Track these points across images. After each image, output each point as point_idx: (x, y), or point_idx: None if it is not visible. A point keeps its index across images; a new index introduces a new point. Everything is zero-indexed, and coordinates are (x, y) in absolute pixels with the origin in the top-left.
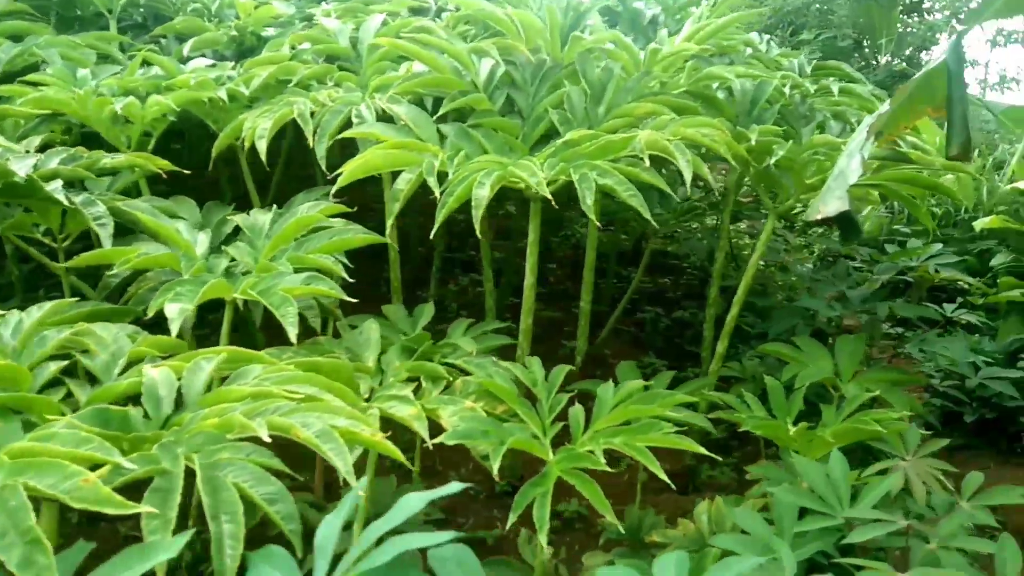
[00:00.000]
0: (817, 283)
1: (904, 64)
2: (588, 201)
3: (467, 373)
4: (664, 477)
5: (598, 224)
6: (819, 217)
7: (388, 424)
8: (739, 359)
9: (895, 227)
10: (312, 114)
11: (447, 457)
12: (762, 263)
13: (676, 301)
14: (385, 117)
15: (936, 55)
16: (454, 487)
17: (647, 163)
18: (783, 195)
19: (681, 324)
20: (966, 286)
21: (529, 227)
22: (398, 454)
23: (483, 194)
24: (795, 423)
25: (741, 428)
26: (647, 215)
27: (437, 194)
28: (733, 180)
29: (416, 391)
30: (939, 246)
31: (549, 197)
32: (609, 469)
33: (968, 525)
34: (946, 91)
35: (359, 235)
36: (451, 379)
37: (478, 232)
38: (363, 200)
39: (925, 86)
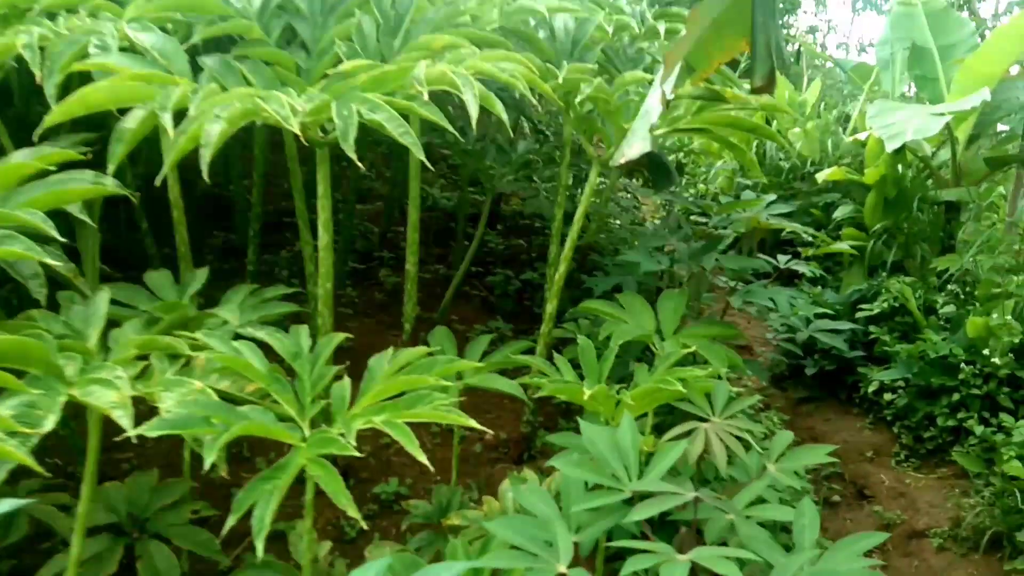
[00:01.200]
0: (647, 237)
1: None
2: (349, 139)
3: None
4: (423, 458)
5: (361, 166)
6: (623, 161)
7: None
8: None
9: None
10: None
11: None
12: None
13: (530, 262)
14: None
15: None
16: None
17: (425, 96)
18: (606, 142)
19: (532, 286)
20: (809, 238)
21: (318, 176)
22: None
23: (215, 130)
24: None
25: (540, 394)
26: (420, 155)
27: (170, 133)
28: (568, 131)
29: (145, 372)
30: (772, 197)
31: (298, 132)
32: (358, 453)
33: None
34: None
35: (83, 186)
36: (192, 356)
37: (205, 176)
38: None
39: (734, 14)
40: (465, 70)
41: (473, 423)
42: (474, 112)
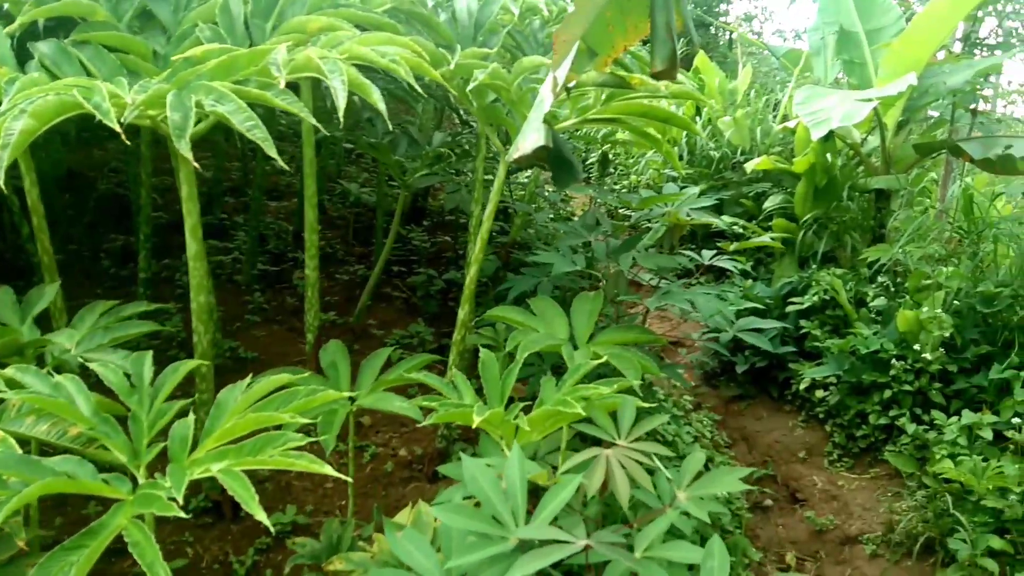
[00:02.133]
0: (565, 235)
1: None
2: (184, 134)
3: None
4: (263, 518)
5: (197, 166)
6: (517, 156)
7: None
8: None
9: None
10: None
11: None
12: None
13: (455, 260)
14: None
15: None
16: None
17: (282, 84)
18: (512, 134)
19: (457, 286)
20: (741, 231)
21: (180, 177)
22: None
23: (17, 127)
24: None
25: (428, 421)
26: (272, 152)
27: (6, 132)
28: (482, 124)
29: None
30: (695, 190)
31: (118, 129)
32: (183, 515)
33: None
34: None
35: None
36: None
37: (0, 185)
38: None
39: None
40: (339, 55)
41: (328, 470)
42: (341, 101)
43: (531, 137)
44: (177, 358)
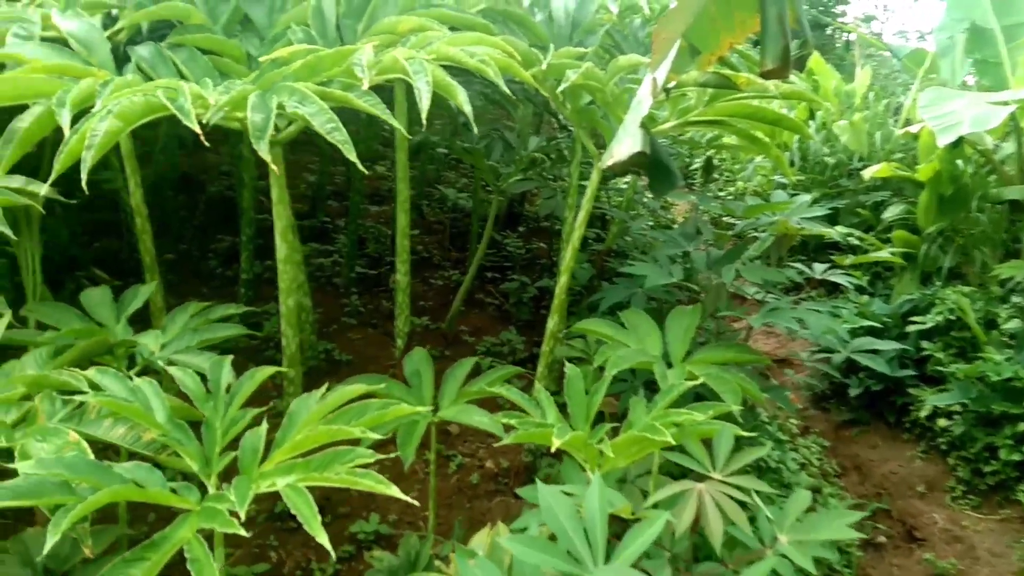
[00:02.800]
0: (662, 244)
1: None
2: (263, 137)
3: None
4: (325, 541)
5: (276, 169)
6: (611, 162)
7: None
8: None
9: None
10: None
11: None
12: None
13: (550, 267)
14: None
15: None
16: None
17: (366, 85)
18: (607, 137)
19: (550, 293)
20: (857, 243)
21: (271, 180)
22: None
23: (103, 128)
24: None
25: (507, 440)
26: (352, 156)
27: (66, 132)
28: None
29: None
30: (807, 198)
31: (197, 130)
32: (243, 533)
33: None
34: None
35: None
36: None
37: (83, 185)
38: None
39: None
40: (427, 55)
41: (394, 492)
42: (425, 103)
43: (626, 142)
44: (274, 360)
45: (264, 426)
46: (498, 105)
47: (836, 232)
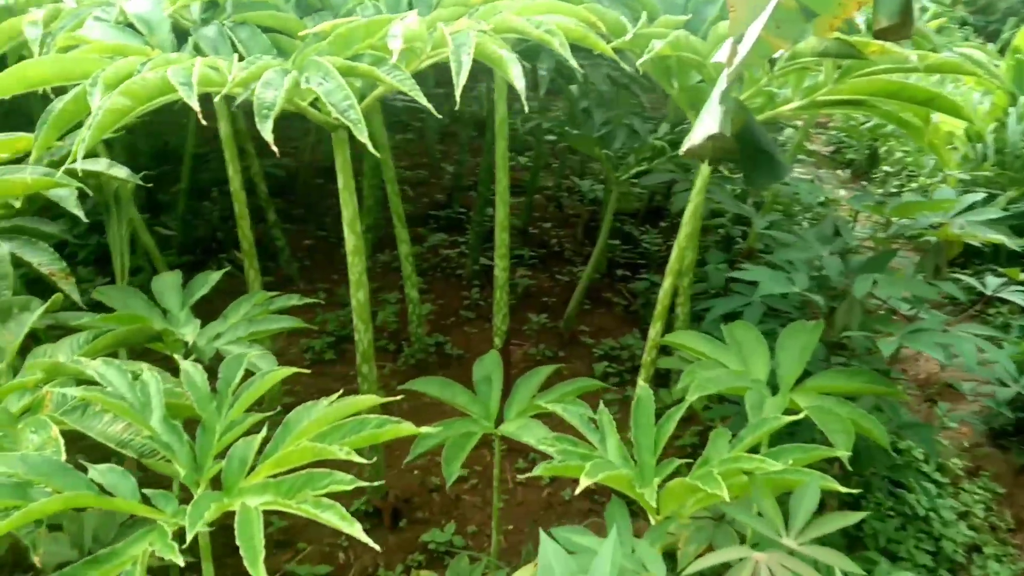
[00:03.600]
0: (790, 247)
1: None
2: (268, 118)
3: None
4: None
5: (375, 151)
6: (687, 148)
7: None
8: None
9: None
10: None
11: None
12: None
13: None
14: None
15: None
16: None
17: (395, 58)
18: None
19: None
20: None
21: (336, 164)
22: None
23: (106, 106)
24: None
25: (537, 472)
26: (363, 137)
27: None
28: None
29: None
30: (975, 197)
31: (196, 108)
32: (179, 561)
33: None
34: None
35: (23, 178)
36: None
37: (78, 168)
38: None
39: None
40: (488, 26)
41: (356, 532)
42: (460, 78)
43: (706, 123)
44: (386, 352)
45: (259, 435)
46: (623, 88)
47: (1014, 241)
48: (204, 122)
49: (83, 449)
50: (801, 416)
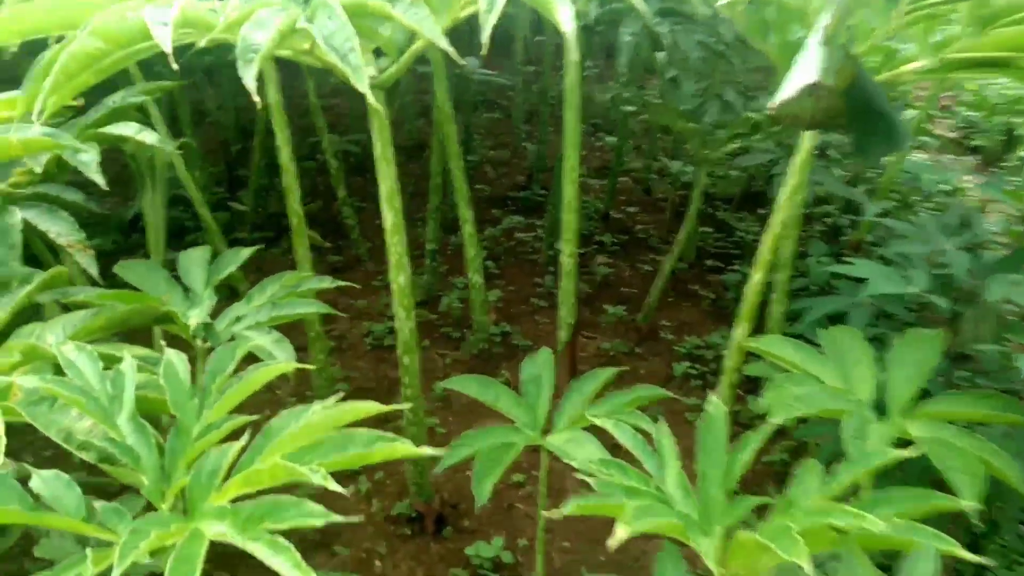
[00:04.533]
0: (896, 239)
1: None
2: (253, 60)
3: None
4: None
5: (380, 109)
6: (776, 104)
7: None
8: None
9: None
10: None
11: None
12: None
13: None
14: None
15: None
16: None
17: None
18: None
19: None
20: None
21: (374, 133)
22: None
23: (73, 49)
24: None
25: (566, 512)
26: (363, 88)
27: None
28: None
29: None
30: None
31: (168, 50)
32: None
33: None
34: None
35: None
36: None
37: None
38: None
39: None
40: None
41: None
42: (489, 18)
43: (801, 72)
44: (450, 339)
45: (237, 444)
46: (722, 58)
47: None
48: (254, 93)
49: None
50: (916, 452)
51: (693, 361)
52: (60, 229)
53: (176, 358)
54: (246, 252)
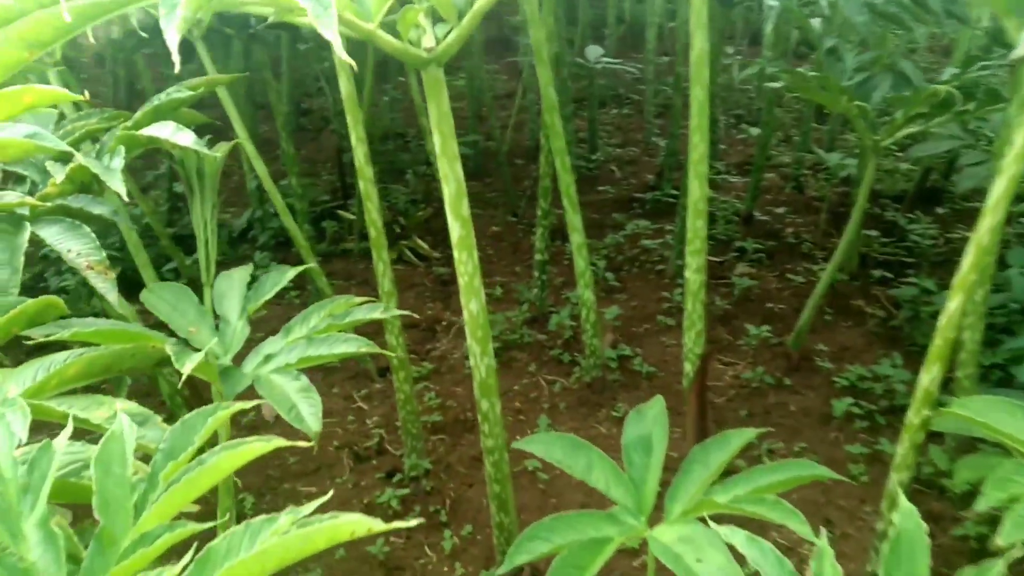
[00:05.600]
0: None
1: None
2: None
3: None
4: None
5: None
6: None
7: None
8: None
9: None
10: None
11: None
12: None
13: None
14: None
15: None
16: None
17: None
18: None
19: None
20: None
21: (433, 122)
22: None
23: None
24: None
25: None
26: (326, 30)
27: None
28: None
29: None
30: None
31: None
32: None
33: None
34: None
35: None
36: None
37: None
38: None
39: None
40: None
41: None
42: None
43: None
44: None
45: (174, 570)
46: (895, 21)
47: None
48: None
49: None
50: None
51: (857, 396)
52: (79, 247)
53: (125, 431)
54: (289, 273)
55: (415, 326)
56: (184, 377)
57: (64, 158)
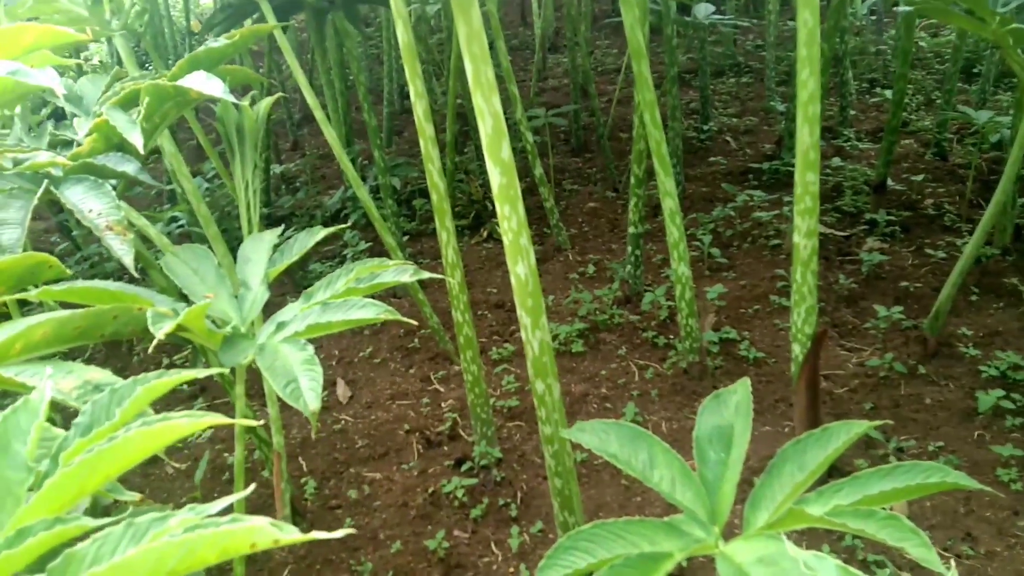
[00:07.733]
0: None
1: None
2: None
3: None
4: None
5: None
6: None
7: None
8: None
9: None
10: None
11: None
12: None
13: None
14: None
15: None
16: None
17: None
18: None
19: None
20: None
21: (465, 58)
22: None
23: None
24: None
25: None
26: None
27: None
28: None
29: None
30: None
31: None
32: None
33: None
34: None
35: None
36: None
37: None
38: None
39: None
40: None
41: None
42: None
43: None
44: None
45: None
46: None
47: None
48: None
49: None
50: None
51: (1008, 389)
52: (100, 207)
53: (31, 405)
54: (317, 235)
55: (501, 306)
56: (156, 341)
57: (48, 93)
